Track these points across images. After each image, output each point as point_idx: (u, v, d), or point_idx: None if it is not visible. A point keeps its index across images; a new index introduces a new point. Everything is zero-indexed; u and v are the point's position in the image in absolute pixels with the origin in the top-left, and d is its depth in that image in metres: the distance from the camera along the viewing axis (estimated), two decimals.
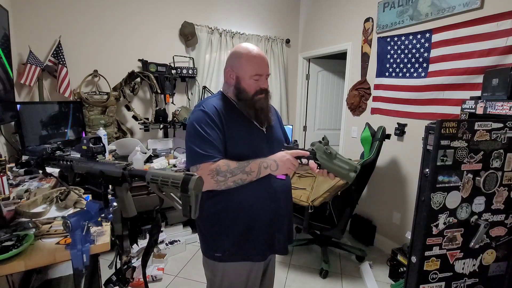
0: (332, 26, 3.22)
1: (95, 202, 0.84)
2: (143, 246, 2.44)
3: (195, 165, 1.03)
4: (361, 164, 2.15)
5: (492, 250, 1.46)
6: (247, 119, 1.13)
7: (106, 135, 2.35)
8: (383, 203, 2.71)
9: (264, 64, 1.11)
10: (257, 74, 1.09)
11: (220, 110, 1.09)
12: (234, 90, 1.13)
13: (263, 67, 1.10)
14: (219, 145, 1.04)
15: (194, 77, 3.03)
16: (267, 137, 1.17)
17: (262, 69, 1.10)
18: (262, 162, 1.03)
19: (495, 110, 1.42)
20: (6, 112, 1.88)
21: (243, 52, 1.09)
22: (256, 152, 1.07)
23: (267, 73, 1.13)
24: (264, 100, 1.13)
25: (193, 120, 1.07)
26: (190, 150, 1.05)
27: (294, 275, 2.33)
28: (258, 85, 1.11)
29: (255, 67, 1.09)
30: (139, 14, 2.77)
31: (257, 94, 1.11)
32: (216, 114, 1.07)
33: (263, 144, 1.14)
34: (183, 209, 0.71)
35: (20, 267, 0.92)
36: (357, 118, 2.98)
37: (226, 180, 1.00)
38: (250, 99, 1.10)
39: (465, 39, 1.95)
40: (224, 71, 1.16)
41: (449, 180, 1.31)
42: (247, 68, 1.09)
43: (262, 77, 1.11)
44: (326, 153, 1.00)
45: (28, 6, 2.33)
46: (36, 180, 1.60)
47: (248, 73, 1.09)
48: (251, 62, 1.09)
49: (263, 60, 1.10)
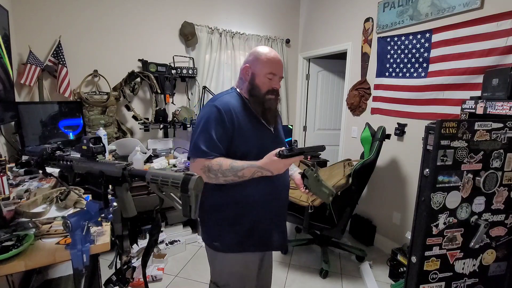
0: (332, 26, 3.22)
1: (95, 202, 0.84)
2: (143, 246, 2.44)
3: (192, 158, 1.10)
4: (361, 164, 2.16)
5: (492, 250, 1.46)
6: (257, 117, 1.18)
7: (106, 135, 2.35)
8: (383, 203, 2.71)
9: (279, 66, 1.18)
10: (271, 73, 1.15)
11: (233, 107, 1.13)
12: (248, 85, 1.18)
13: (278, 68, 1.17)
14: (221, 143, 1.08)
15: (194, 77, 3.03)
16: (274, 137, 1.24)
17: (277, 69, 1.17)
18: (256, 171, 1.04)
19: (495, 110, 1.42)
20: (6, 112, 1.88)
21: (262, 52, 1.17)
22: (264, 150, 1.10)
23: (281, 74, 1.19)
24: (273, 101, 1.19)
25: (204, 114, 1.12)
26: (193, 142, 1.11)
27: (294, 275, 2.33)
28: (271, 85, 1.17)
29: (270, 66, 1.15)
30: (139, 14, 2.77)
31: (268, 93, 1.16)
32: (228, 112, 1.10)
33: (270, 143, 1.18)
34: (183, 209, 0.71)
35: (20, 267, 0.92)
36: (357, 118, 2.98)
37: (217, 178, 1.06)
38: (261, 96, 1.16)
39: (465, 39, 1.95)
40: (241, 68, 1.22)
41: (449, 180, 1.31)
42: (263, 66, 1.15)
43: (276, 77, 1.17)
44: (315, 180, 1.17)
45: (28, 6, 2.33)
46: (36, 180, 1.60)
47: (263, 71, 1.15)
48: (268, 61, 1.15)
49: (279, 62, 1.18)
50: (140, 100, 2.91)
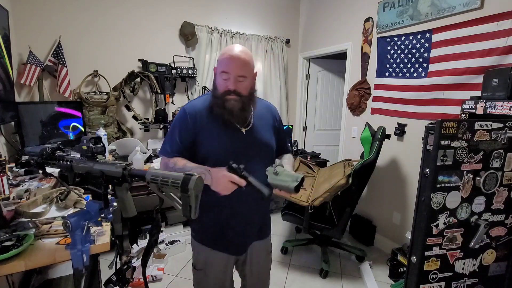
0: (332, 26, 3.22)
1: (95, 202, 0.84)
2: (143, 246, 2.44)
3: (159, 154, 1.21)
4: (361, 164, 2.16)
5: (492, 250, 1.46)
6: (223, 119, 1.12)
7: (106, 135, 2.34)
8: (383, 203, 2.71)
9: (235, 64, 1.06)
10: (223, 71, 1.07)
11: (199, 110, 1.14)
12: (212, 87, 1.17)
13: (231, 66, 1.06)
14: (183, 144, 1.13)
15: (194, 77, 3.03)
16: (246, 138, 1.16)
17: (230, 67, 1.06)
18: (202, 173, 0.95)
19: (495, 110, 1.42)
20: (6, 112, 1.88)
21: (224, 49, 1.12)
22: (235, 152, 1.11)
23: (236, 73, 1.07)
24: (235, 102, 1.09)
25: (175, 117, 1.20)
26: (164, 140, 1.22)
27: (294, 275, 2.33)
28: (226, 85, 1.08)
29: (223, 64, 1.07)
30: (139, 14, 2.77)
31: (225, 94, 1.09)
32: (192, 114, 1.13)
33: (242, 144, 1.14)
34: (183, 209, 0.71)
35: (20, 267, 0.92)
36: (357, 118, 2.98)
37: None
38: (220, 97, 1.10)
39: (465, 39, 1.95)
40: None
41: (449, 180, 1.31)
42: (218, 65, 1.11)
43: (230, 76, 1.07)
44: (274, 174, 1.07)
45: (28, 6, 2.33)
46: (36, 180, 1.60)
47: (218, 70, 1.10)
48: (222, 59, 1.08)
49: (235, 60, 1.06)
50: (140, 100, 2.91)
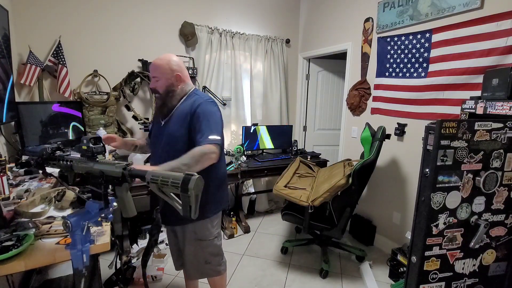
0: (332, 26, 3.22)
1: (95, 202, 0.84)
2: (143, 246, 2.44)
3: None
4: (361, 164, 2.15)
5: (492, 250, 1.46)
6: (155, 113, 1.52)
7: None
8: (383, 203, 2.71)
9: (151, 68, 1.44)
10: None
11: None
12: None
13: (150, 69, 1.45)
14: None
15: (194, 77, 3.03)
16: (161, 129, 1.46)
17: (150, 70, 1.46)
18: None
19: (495, 110, 1.42)
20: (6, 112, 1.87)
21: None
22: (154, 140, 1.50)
23: (151, 74, 1.44)
24: (157, 99, 1.45)
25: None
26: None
27: (294, 275, 2.33)
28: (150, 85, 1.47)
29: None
30: (139, 14, 2.77)
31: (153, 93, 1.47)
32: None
33: (158, 134, 1.46)
34: (183, 209, 0.71)
35: (20, 267, 0.92)
36: (357, 118, 2.98)
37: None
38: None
39: (465, 39, 1.95)
40: None
41: (449, 180, 1.31)
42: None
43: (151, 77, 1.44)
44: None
45: (28, 6, 2.33)
46: (36, 180, 1.60)
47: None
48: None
49: (151, 65, 1.43)
50: (140, 100, 2.91)
